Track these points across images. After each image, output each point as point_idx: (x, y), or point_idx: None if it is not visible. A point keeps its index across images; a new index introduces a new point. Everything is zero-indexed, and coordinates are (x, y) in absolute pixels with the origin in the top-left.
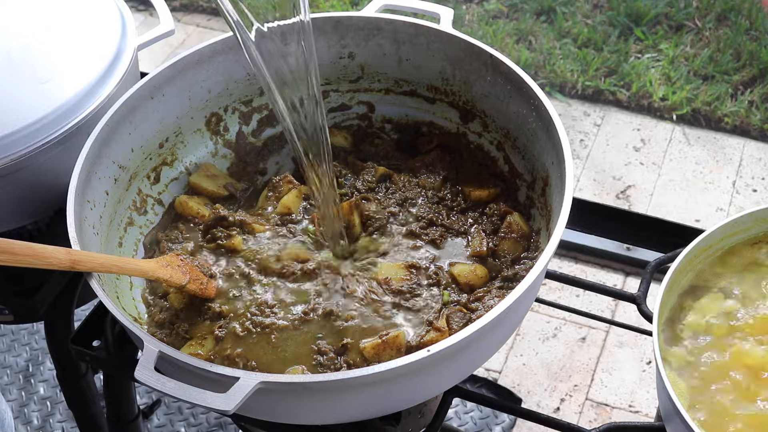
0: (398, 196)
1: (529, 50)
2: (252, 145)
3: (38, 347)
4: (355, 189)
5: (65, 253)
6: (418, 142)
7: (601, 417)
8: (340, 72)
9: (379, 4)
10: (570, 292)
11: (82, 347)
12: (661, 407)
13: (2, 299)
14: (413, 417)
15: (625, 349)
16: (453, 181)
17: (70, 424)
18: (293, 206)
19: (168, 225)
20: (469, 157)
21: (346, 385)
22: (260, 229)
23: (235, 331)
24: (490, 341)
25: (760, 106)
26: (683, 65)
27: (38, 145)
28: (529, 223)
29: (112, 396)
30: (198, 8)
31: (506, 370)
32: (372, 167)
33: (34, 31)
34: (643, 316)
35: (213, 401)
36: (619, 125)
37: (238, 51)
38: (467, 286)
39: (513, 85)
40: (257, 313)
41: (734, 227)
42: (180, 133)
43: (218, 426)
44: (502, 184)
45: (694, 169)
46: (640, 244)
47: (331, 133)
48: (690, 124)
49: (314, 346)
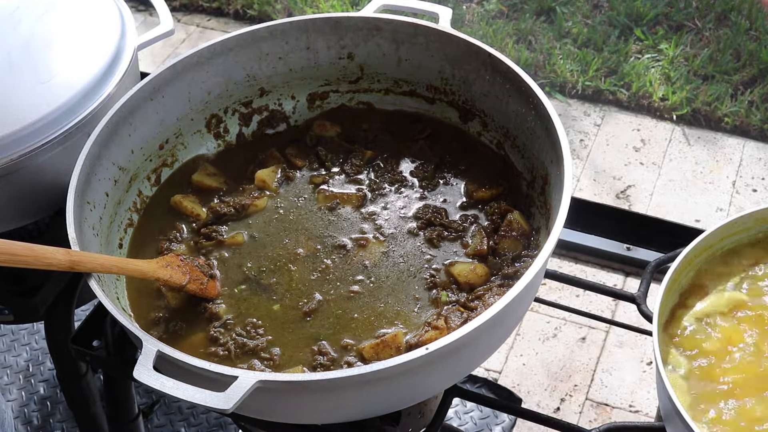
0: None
1: (529, 50)
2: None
3: (38, 347)
4: (343, 172)
5: (65, 253)
6: (411, 128)
7: (601, 417)
8: (340, 72)
9: (378, 4)
10: (570, 292)
11: (82, 347)
12: (661, 407)
13: (2, 299)
14: (413, 417)
15: (625, 349)
16: (443, 170)
17: (70, 424)
18: (268, 179)
19: (165, 225)
20: (476, 160)
21: (345, 384)
22: (261, 205)
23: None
24: (490, 340)
25: (760, 106)
26: (683, 65)
27: (38, 145)
28: (529, 222)
29: (112, 396)
30: (198, 8)
31: (506, 370)
32: (359, 150)
33: (34, 31)
34: (643, 316)
35: (211, 400)
36: (619, 125)
37: (237, 52)
38: (467, 285)
39: (512, 84)
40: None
41: (734, 227)
42: (180, 135)
43: (218, 426)
44: (505, 183)
45: (694, 169)
46: (640, 244)
47: (320, 122)
48: (690, 124)
49: (314, 347)
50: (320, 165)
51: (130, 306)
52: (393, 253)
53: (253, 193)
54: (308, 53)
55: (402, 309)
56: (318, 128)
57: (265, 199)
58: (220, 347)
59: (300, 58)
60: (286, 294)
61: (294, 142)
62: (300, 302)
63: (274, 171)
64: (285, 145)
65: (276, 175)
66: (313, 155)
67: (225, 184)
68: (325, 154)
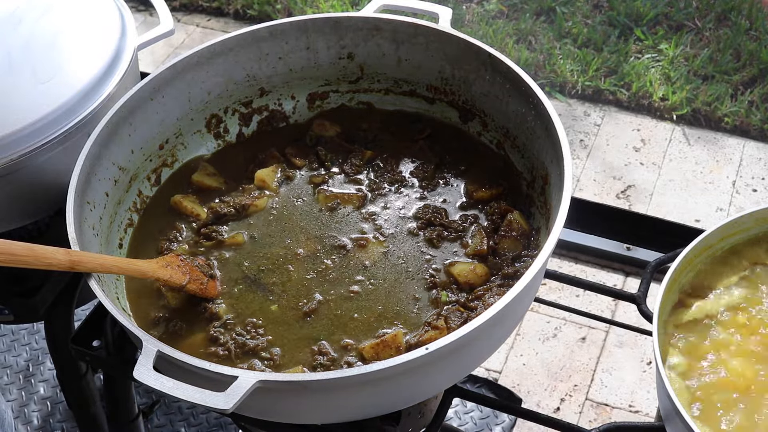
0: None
1: (529, 50)
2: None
3: (38, 347)
4: (343, 172)
5: (65, 253)
6: (411, 128)
7: (601, 417)
8: (340, 72)
9: (378, 4)
10: (570, 292)
11: (82, 347)
12: (661, 407)
13: (2, 299)
14: (413, 417)
15: (625, 349)
16: (443, 170)
17: (70, 424)
18: (268, 179)
19: (165, 225)
20: (476, 160)
21: (345, 384)
22: (261, 205)
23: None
24: (490, 339)
25: (760, 106)
26: (683, 65)
27: (38, 145)
28: (529, 222)
29: (112, 396)
30: (198, 8)
31: (506, 370)
32: (359, 150)
33: (34, 31)
34: (643, 316)
35: (211, 400)
36: (619, 125)
37: (237, 52)
38: (467, 285)
39: (512, 84)
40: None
41: (734, 227)
42: (180, 135)
43: (218, 426)
44: (505, 183)
45: (694, 169)
46: (640, 244)
47: (320, 122)
48: (690, 124)
49: (314, 347)
50: (320, 165)
51: (130, 306)
52: (393, 254)
53: (253, 192)
54: (308, 53)
55: (402, 309)
56: (318, 128)
57: (265, 199)
58: (220, 347)
59: (300, 58)
60: (286, 294)
61: (294, 141)
62: (300, 302)
63: (274, 171)
64: (285, 145)
65: (276, 175)
66: (312, 155)
67: (225, 184)
68: (324, 153)
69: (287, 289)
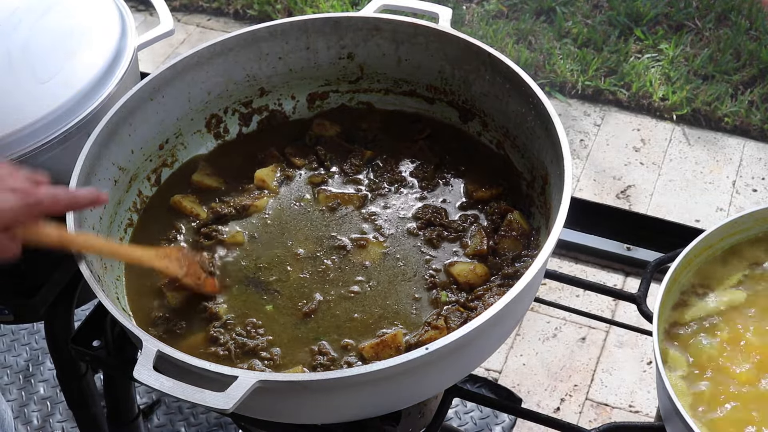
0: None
1: (529, 50)
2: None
3: (38, 347)
4: (342, 172)
5: (55, 228)
6: (410, 128)
7: (601, 417)
8: (340, 72)
9: (378, 4)
10: (570, 292)
11: (82, 347)
12: (661, 407)
13: (2, 299)
14: (413, 417)
15: (625, 349)
16: (443, 170)
17: (70, 424)
18: (268, 179)
19: (165, 225)
20: (476, 160)
21: (345, 384)
22: (261, 205)
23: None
24: (490, 339)
25: (760, 106)
26: (683, 65)
27: (38, 145)
28: (529, 222)
29: (112, 396)
30: (198, 8)
31: (506, 370)
32: (359, 150)
33: (34, 30)
34: (643, 316)
35: (211, 400)
36: (619, 125)
37: (237, 52)
38: (467, 285)
39: (512, 84)
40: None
41: (734, 227)
42: (180, 135)
43: (218, 426)
44: (505, 183)
45: (694, 169)
46: (640, 244)
47: (319, 122)
48: (690, 124)
49: (314, 347)
50: (320, 165)
51: (130, 306)
52: (393, 254)
53: (252, 192)
54: (308, 53)
55: (402, 309)
56: (318, 128)
57: (265, 199)
58: (220, 347)
59: (300, 58)
60: (286, 294)
61: (294, 141)
62: (300, 302)
63: (274, 170)
64: (284, 145)
65: (275, 175)
66: (312, 155)
67: (225, 184)
68: (324, 153)
69: (287, 289)
